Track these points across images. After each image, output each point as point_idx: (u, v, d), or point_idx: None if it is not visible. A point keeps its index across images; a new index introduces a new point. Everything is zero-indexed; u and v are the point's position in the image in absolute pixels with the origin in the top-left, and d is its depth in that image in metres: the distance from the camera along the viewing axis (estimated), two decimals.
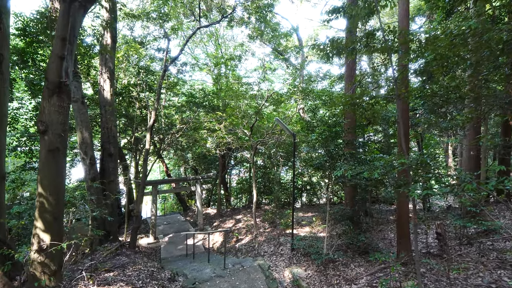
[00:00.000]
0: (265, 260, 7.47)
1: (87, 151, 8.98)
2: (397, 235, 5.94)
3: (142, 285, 5.51)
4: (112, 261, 7.36)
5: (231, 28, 16.91)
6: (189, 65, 18.00)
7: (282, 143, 14.04)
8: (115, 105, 12.48)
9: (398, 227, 5.90)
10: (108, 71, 9.65)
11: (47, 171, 4.34)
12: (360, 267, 6.00)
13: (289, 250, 7.54)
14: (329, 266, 6.25)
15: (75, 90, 8.87)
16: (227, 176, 20.95)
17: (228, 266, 7.30)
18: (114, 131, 9.75)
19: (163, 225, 15.68)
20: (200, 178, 13.94)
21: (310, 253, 6.66)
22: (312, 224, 10.14)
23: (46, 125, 4.28)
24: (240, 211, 15.55)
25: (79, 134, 8.92)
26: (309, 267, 6.44)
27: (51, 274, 4.31)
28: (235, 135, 11.79)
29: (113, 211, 9.64)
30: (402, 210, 5.76)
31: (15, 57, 9.89)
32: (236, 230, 12.47)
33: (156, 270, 6.69)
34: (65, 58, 4.34)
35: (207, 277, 6.59)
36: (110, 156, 9.64)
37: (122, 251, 8.94)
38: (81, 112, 8.90)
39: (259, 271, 6.78)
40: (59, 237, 4.43)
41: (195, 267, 7.88)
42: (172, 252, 11.69)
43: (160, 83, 10.60)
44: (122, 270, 6.25)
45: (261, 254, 8.23)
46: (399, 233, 5.83)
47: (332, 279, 5.73)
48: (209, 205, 20.63)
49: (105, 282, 5.18)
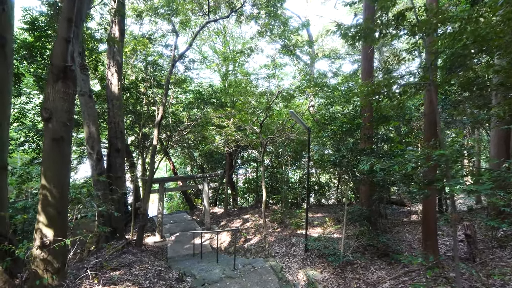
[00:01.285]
0: (277, 261, 7.13)
1: (94, 146, 8.75)
2: (423, 236, 5.54)
3: (149, 285, 5.21)
4: (118, 259, 7.09)
5: (240, 24, 16.64)
6: (197, 62, 17.81)
7: (291, 141, 13.70)
8: (122, 101, 12.32)
9: (424, 227, 5.50)
10: (116, 65, 9.42)
11: (51, 161, 4.06)
12: (381, 271, 5.61)
13: (302, 251, 7.17)
14: (347, 268, 5.87)
15: (83, 84, 8.65)
16: (234, 176, 20.66)
17: (238, 266, 6.97)
18: (121, 126, 9.51)
19: (170, 224, 15.42)
20: (207, 176, 13.65)
21: (326, 255, 6.29)
22: (324, 224, 9.75)
23: (50, 113, 4.01)
24: (248, 211, 15.22)
25: (86, 129, 8.69)
26: (325, 269, 6.08)
27: (54, 271, 4.03)
28: (244, 132, 11.47)
29: (120, 208, 9.39)
30: (429, 209, 5.36)
31: (23, 51, 9.77)
32: (244, 229, 12.14)
33: (163, 270, 6.39)
34: (71, 41, 4.07)
35: (216, 278, 6.27)
36: (117, 152, 9.39)
37: (128, 249, 8.69)
38: (88, 106, 8.67)
39: (271, 272, 6.44)
40: (63, 233, 4.15)
41: (203, 267, 7.57)
42: (178, 251, 11.40)
43: (168, 78, 10.35)
44: (128, 269, 5.96)
45: (272, 254, 7.88)
46: (425, 234, 5.43)
47: (351, 283, 5.36)
48: (215, 204, 20.34)
49: (111, 282, 4.89)
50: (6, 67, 4.51)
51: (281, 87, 10.42)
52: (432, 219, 5.32)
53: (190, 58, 14.13)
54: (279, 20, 12.39)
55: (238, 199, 20.49)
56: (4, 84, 4.54)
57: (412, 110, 10.46)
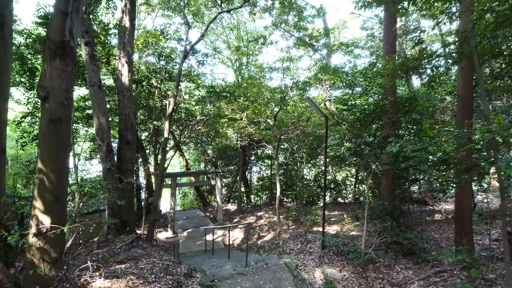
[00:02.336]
0: (292, 258, 6.67)
1: (104, 138, 8.58)
2: (456, 233, 4.93)
3: (155, 279, 4.90)
4: (127, 253, 6.86)
5: (253, 17, 16.25)
6: (211, 57, 17.56)
7: (306, 137, 13.15)
8: (135, 94, 12.19)
9: (458, 223, 4.90)
10: (126, 56, 9.24)
11: (47, 143, 3.80)
12: (407, 270, 5.06)
13: (319, 248, 6.68)
14: (369, 267, 5.35)
15: (92, 74, 8.51)
16: (248, 173, 20.29)
17: (250, 263, 6.56)
18: (132, 118, 9.31)
19: (182, 220, 15.24)
20: (220, 171, 13.34)
21: (345, 252, 5.78)
22: (342, 221, 9.19)
23: (47, 91, 3.74)
24: (261, 208, 14.81)
25: (95, 120, 8.54)
26: (344, 268, 5.57)
27: (50, 261, 3.76)
28: (258, 125, 11.06)
29: (130, 201, 9.20)
30: (463, 202, 4.76)
31: (37, 45, 9.82)
32: (258, 226, 11.74)
33: (171, 265, 6.09)
34: (69, 15, 3.78)
35: (227, 274, 5.89)
36: (128, 144, 9.20)
37: (138, 243, 8.48)
38: (98, 97, 8.52)
39: (286, 270, 5.99)
40: (61, 220, 3.88)
41: (214, 263, 7.22)
42: (190, 247, 11.14)
43: (180, 69, 10.10)
44: (135, 263, 5.69)
45: (286, 251, 7.43)
46: (459, 231, 4.83)
47: (373, 283, 4.84)
48: (229, 201, 20.06)
49: (114, 275, 4.60)
50: (4, 47, 4.30)
51: (296, 78, 9.92)
52: (467, 214, 4.71)
53: (203, 53, 13.88)
54: (294, 9, 11.90)
55: (252, 197, 20.13)
56: (3, 65, 4.33)
57: (436, 101, 9.70)
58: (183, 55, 10.36)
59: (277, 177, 10.24)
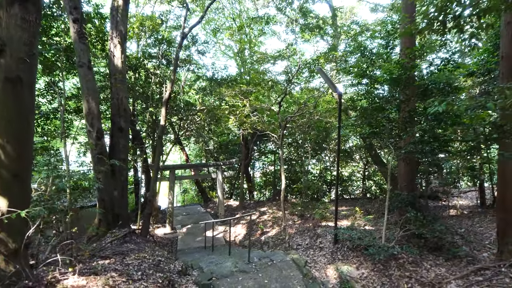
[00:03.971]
0: (300, 254, 5.93)
1: (94, 123, 7.86)
2: (501, 225, 4.14)
3: (141, 277, 4.18)
4: (118, 248, 6.17)
5: (256, 3, 15.47)
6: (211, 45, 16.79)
7: (313, 126, 12.38)
8: (131, 82, 11.49)
9: (502, 213, 4.11)
10: (119, 35, 8.53)
11: (3, 108, 3.08)
12: (438, 267, 4.30)
13: (330, 243, 5.93)
14: (391, 264, 4.60)
15: (81, 54, 7.80)
16: (251, 170, 19.59)
17: (253, 259, 5.83)
18: (125, 103, 8.61)
19: (182, 216, 14.56)
20: (221, 164, 12.62)
21: (362, 247, 5.03)
22: (353, 215, 8.43)
23: (3, 43, 3.02)
24: (265, 204, 14.09)
25: (85, 104, 7.83)
26: (361, 265, 4.82)
27: (8, 253, 3.06)
28: (261, 113, 10.31)
29: (123, 193, 8.49)
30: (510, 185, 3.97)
31: None
32: (261, 222, 11.02)
33: (164, 260, 5.37)
34: None
35: (226, 272, 5.16)
36: (121, 131, 8.49)
37: (131, 238, 7.79)
38: (87, 79, 7.80)
39: (294, 267, 5.25)
40: (22, 204, 3.16)
41: (213, 260, 6.50)
42: (189, 243, 10.46)
43: (177, 52, 9.40)
44: (121, 258, 4.98)
45: (293, 247, 6.70)
46: (504, 223, 4.05)
47: (399, 282, 4.10)
48: (231, 197, 19.37)
49: (92, 271, 3.89)
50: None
51: (302, 59, 9.13)
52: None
53: (203, 40, 13.13)
54: None
55: (255, 193, 19.43)
56: None
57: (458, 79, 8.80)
58: (181, 37, 9.66)
59: (281, 168, 9.51)
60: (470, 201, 10.78)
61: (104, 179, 7.96)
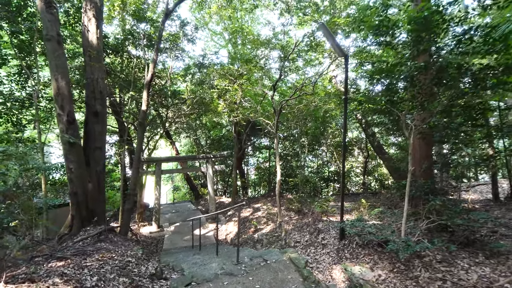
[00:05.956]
0: (298, 252, 5.01)
1: (64, 105, 6.87)
2: None
3: (96, 283, 3.23)
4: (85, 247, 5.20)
5: None
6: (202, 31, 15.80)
7: (310, 117, 11.50)
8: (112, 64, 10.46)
9: None
10: (93, 8, 7.55)
11: None
12: (479, 267, 3.41)
13: (335, 239, 5.02)
14: (414, 263, 3.71)
15: (49, 25, 6.83)
16: (244, 166, 18.70)
17: (243, 259, 4.91)
18: (101, 84, 7.63)
19: (171, 214, 13.60)
20: (211, 157, 11.66)
21: (374, 243, 4.14)
22: (359, 209, 7.54)
23: None
24: (259, 200, 13.18)
25: (54, 83, 6.84)
26: (376, 265, 3.93)
27: None
28: (254, 100, 9.38)
29: (99, 186, 7.51)
30: None
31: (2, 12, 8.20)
32: (255, 219, 10.09)
33: (134, 262, 4.42)
34: None
35: (209, 275, 4.23)
36: (96, 116, 7.51)
37: (107, 236, 6.82)
38: (56, 54, 6.81)
39: (292, 268, 4.33)
40: None
41: (197, 260, 5.57)
42: (177, 243, 9.53)
43: (161, 31, 8.46)
44: (81, 259, 4.03)
45: (290, 244, 5.78)
46: None
47: (429, 286, 3.20)
48: (224, 194, 18.43)
49: (26, 278, 2.93)
50: None
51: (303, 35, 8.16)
52: None
53: (193, 25, 12.14)
54: None
55: (249, 191, 18.55)
56: None
57: None
58: (164, 14, 8.71)
59: (277, 158, 8.60)
60: (480, 195, 10.07)
61: (77, 170, 6.98)
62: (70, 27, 9.80)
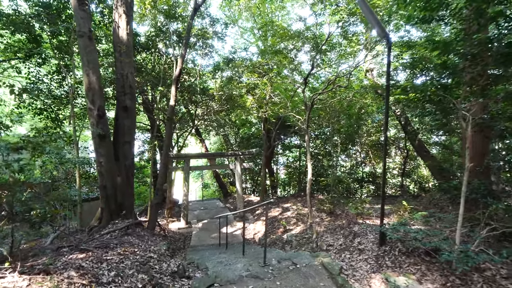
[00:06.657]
0: (331, 257, 4.54)
1: (95, 100, 6.99)
2: None
3: (113, 279, 3.05)
4: (111, 240, 5.16)
5: None
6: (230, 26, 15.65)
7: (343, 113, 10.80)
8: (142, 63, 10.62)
9: None
10: (124, 4, 7.64)
11: None
12: None
13: (374, 245, 4.47)
14: (472, 277, 3.10)
15: (82, 22, 6.97)
16: (274, 165, 18.33)
17: (270, 261, 4.54)
18: (131, 79, 7.69)
19: (199, 210, 13.61)
20: (239, 154, 11.43)
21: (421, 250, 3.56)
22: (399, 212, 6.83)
23: None
24: (288, 200, 12.71)
25: (85, 78, 6.98)
26: (424, 276, 3.36)
27: None
28: (284, 95, 8.96)
29: (128, 181, 7.57)
30: None
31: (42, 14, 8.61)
32: (284, 219, 9.67)
33: (156, 258, 4.24)
34: None
35: (234, 277, 3.92)
36: (125, 111, 7.59)
37: (135, 230, 6.83)
38: (87, 50, 6.94)
39: (324, 274, 3.89)
40: None
41: (222, 260, 5.30)
42: (204, 240, 9.40)
43: (189, 25, 8.38)
44: (102, 253, 3.92)
45: (322, 248, 5.31)
46: None
47: None
48: (253, 193, 18.20)
49: (41, 269, 2.81)
50: None
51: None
52: None
53: (223, 22, 12.00)
54: None
55: (279, 190, 18.13)
56: None
57: None
58: (193, 8, 8.62)
59: (308, 156, 8.12)
60: None
61: (106, 164, 7.07)
62: (104, 27, 10.05)
